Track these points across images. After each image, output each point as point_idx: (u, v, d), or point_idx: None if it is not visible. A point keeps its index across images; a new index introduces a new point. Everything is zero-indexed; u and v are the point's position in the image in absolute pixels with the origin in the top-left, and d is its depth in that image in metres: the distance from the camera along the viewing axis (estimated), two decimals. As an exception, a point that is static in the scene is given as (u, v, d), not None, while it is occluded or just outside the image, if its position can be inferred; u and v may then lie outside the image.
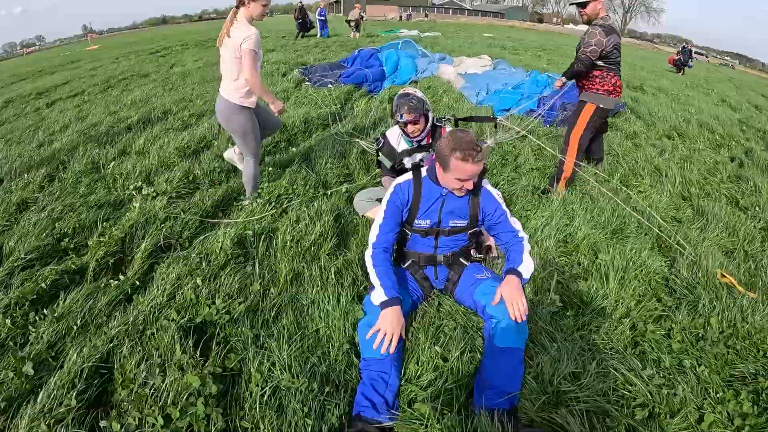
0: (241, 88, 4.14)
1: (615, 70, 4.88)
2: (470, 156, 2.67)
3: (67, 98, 10.46)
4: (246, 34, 3.90)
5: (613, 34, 4.72)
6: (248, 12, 3.97)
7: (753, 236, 4.62)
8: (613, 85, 4.87)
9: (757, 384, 2.65)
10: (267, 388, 2.38)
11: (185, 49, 19.84)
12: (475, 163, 2.69)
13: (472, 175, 2.75)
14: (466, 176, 2.75)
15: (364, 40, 21.10)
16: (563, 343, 2.85)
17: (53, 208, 4.28)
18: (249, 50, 3.93)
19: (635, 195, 5.22)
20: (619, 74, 4.93)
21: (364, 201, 4.24)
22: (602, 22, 4.75)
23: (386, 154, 4.27)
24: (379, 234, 2.96)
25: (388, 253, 2.96)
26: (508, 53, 19.12)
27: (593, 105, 4.96)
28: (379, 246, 2.94)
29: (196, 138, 6.43)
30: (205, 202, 4.48)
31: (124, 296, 3.15)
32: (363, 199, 4.28)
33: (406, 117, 3.87)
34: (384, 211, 3.00)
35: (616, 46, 4.77)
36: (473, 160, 2.68)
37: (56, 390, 2.31)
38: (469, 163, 2.68)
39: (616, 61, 4.86)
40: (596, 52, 4.70)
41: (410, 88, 4.06)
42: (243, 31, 3.93)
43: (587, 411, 2.41)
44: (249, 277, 3.35)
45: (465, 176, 2.75)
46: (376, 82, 10.30)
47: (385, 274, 2.80)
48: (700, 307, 3.31)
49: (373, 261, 2.88)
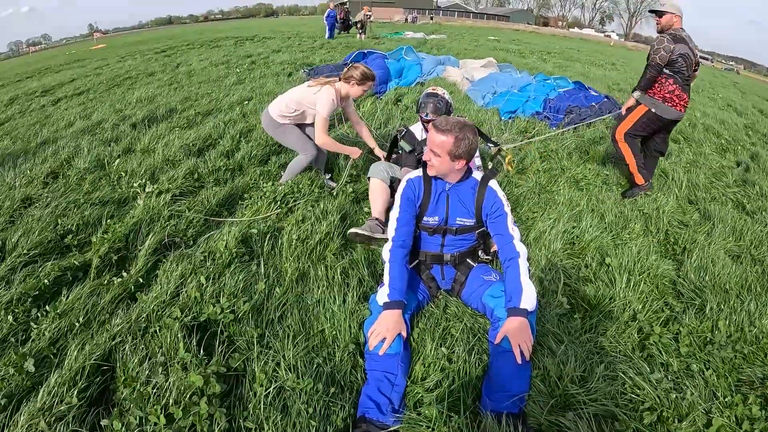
0: (282, 115, 4.70)
1: (676, 79, 4.96)
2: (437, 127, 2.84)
3: (72, 96, 10.48)
4: (326, 102, 4.41)
5: (682, 43, 4.83)
6: (346, 90, 4.59)
7: (760, 240, 4.58)
8: (671, 93, 4.96)
9: (765, 388, 2.64)
10: (271, 389, 2.36)
11: (191, 49, 19.87)
12: (439, 132, 2.83)
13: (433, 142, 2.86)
14: (432, 145, 2.87)
15: (370, 41, 21.08)
16: (570, 345, 2.83)
17: (57, 204, 4.27)
18: (322, 117, 4.42)
19: (642, 198, 5.20)
20: (681, 85, 4.98)
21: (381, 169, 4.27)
22: (673, 32, 4.87)
23: (407, 139, 4.44)
24: (398, 227, 2.98)
25: (406, 250, 2.96)
26: (513, 56, 19.11)
27: (645, 107, 5.12)
28: (398, 240, 2.94)
29: (202, 136, 6.41)
30: (210, 201, 4.45)
31: (127, 294, 3.12)
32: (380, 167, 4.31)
33: (431, 115, 4.11)
34: (398, 204, 3.03)
35: (683, 56, 4.85)
36: (436, 130, 2.84)
37: (57, 387, 2.29)
38: (433, 132, 2.86)
39: (679, 71, 4.93)
40: (665, 57, 4.83)
41: (439, 89, 4.28)
42: (326, 96, 4.43)
43: (595, 414, 2.39)
44: (254, 276, 3.32)
45: (431, 145, 2.88)
46: (381, 84, 10.26)
47: (398, 276, 2.80)
48: (707, 310, 3.30)
49: (390, 256, 2.89)
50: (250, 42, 21.87)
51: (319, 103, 4.41)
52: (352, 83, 4.54)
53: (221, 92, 9.76)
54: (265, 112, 4.81)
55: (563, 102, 8.97)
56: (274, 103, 4.76)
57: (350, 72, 4.54)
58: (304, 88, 4.66)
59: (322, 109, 4.38)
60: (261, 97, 9.07)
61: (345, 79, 4.58)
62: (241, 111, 8.02)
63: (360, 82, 4.52)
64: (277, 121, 4.71)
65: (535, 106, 8.88)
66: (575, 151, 6.76)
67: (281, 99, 4.73)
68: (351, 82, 4.54)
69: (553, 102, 9.02)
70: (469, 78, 11.24)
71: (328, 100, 4.39)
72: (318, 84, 4.57)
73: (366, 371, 2.56)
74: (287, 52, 15.80)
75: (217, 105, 8.62)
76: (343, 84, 4.59)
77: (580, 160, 6.47)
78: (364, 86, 4.57)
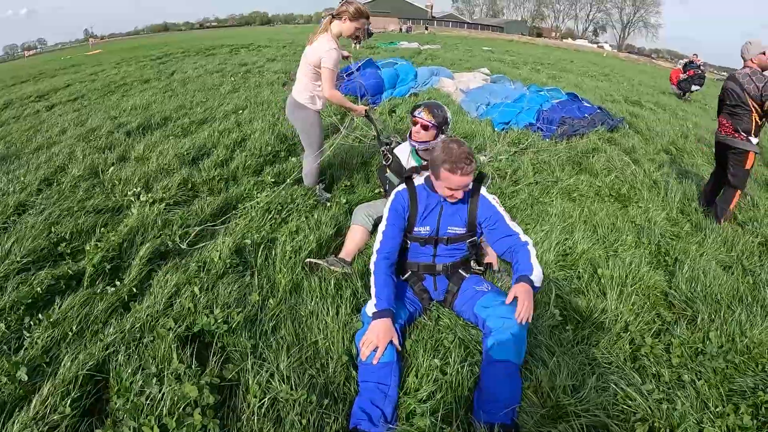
0: (304, 92, 4.51)
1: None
2: (458, 168, 2.77)
3: (66, 102, 10.49)
4: (327, 51, 4.22)
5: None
6: (340, 27, 4.29)
7: (751, 251, 4.64)
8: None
9: (756, 398, 2.66)
10: (265, 400, 2.36)
11: (186, 56, 19.90)
12: (464, 175, 2.78)
13: (459, 185, 2.85)
14: (454, 186, 2.85)
15: (365, 51, 21.15)
16: (562, 356, 2.85)
17: (51, 212, 4.26)
18: (327, 69, 4.24)
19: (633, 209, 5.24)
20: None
21: (363, 215, 4.18)
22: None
23: (395, 170, 4.25)
24: (383, 240, 3.00)
25: (390, 261, 2.98)
26: (507, 67, 19.22)
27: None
28: (382, 252, 2.97)
29: (196, 145, 6.41)
30: (204, 210, 4.46)
31: (120, 303, 3.11)
32: (362, 213, 4.21)
33: (424, 116, 3.89)
34: (386, 218, 3.05)
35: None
36: (461, 173, 2.78)
37: (50, 397, 2.28)
38: (457, 175, 2.78)
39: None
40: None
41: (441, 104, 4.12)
42: (324, 46, 4.24)
43: (587, 426, 2.40)
44: (248, 287, 3.34)
45: (453, 186, 2.85)
46: (375, 95, 10.28)
47: (383, 285, 2.82)
48: (699, 321, 3.34)
49: (374, 269, 2.91)
50: (246, 50, 21.95)
51: (323, 57, 4.23)
52: (345, 19, 4.26)
53: (216, 101, 9.78)
54: (290, 98, 4.64)
55: (557, 113, 9.02)
56: (295, 87, 4.58)
57: (343, 7, 4.27)
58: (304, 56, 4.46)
59: (327, 61, 4.21)
60: (255, 107, 9.11)
61: (337, 15, 4.30)
62: (235, 120, 8.03)
63: (353, 17, 4.26)
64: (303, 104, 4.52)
65: (529, 117, 8.92)
66: (568, 163, 6.80)
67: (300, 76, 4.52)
68: (343, 17, 4.27)
69: (546, 113, 9.06)
70: (463, 89, 11.29)
71: (329, 49, 4.22)
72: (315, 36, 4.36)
73: (359, 383, 2.57)
74: (282, 61, 15.83)
75: (212, 114, 8.63)
76: (335, 23, 4.32)
77: (573, 171, 6.51)
78: (357, 23, 4.31)
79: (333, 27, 4.31)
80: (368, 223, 4.11)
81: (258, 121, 7.78)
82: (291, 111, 4.67)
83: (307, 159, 4.82)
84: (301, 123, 4.66)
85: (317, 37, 4.31)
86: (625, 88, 17.37)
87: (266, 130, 7.15)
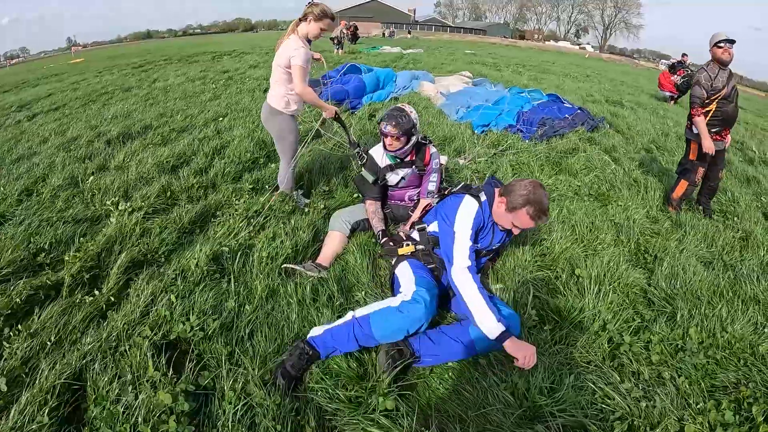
0: (278, 97, 4.53)
1: None
2: (540, 219, 2.90)
3: (48, 111, 10.43)
4: (295, 50, 4.28)
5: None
6: (306, 29, 4.37)
7: (731, 246, 4.71)
8: None
9: (738, 393, 2.69)
10: (240, 405, 2.39)
11: (168, 64, 19.83)
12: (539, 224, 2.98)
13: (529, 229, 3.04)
14: (524, 228, 2.98)
15: (347, 56, 21.15)
16: (539, 357, 2.86)
17: (30, 222, 4.25)
18: (297, 66, 4.28)
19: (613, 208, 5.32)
20: None
21: (341, 221, 4.20)
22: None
23: (369, 168, 4.28)
24: (470, 254, 2.95)
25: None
26: (489, 69, 19.28)
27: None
28: (473, 266, 2.93)
29: (175, 153, 6.41)
30: (182, 218, 4.46)
31: (98, 312, 3.12)
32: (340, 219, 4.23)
33: (390, 130, 3.91)
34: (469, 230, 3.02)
35: None
36: (538, 222, 2.92)
37: (28, 406, 2.29)
38: (534, 223, 2.90)
39: None
40: None
41: (407, 106, 4.13)
42: (292, 45, 4.31)
43: (564, 426, 2.43)
44: (224, 294, 3.34)
45: (523, 227, 2.98)
46: (356, 99, 10.30)
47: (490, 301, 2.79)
48: (678, 317, 3.36)
49: (477, 284, 2.84)
50: (228, 57, 21.87)
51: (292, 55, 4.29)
52: (310, 20, 4.36)
53: (197, 108, 9.77)
54: (264, 105, 4.67)
55: (537, 114, 9.09)
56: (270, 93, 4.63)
57: (309, 8, 4.37)
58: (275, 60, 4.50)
59: (296, 58, 4.26)
60: (236, 113, 9.11)
61: (303, 17, 4.40)
62: (215, 128, 8.03)
63: (317, 18, 4.34)
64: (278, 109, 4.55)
65: (509, 119, 8.98)
66: (547, 163, 6.86)
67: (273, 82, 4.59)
68: (309, 18, 4.37)
69: (526, 115, 9.14)
70: (443, 92, 11.36)
71: (297, 47, 4.28)
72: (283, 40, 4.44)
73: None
74: (264, 68, 15.79)
75: (192, 121, 8.62)
76: (302, 25, 4.41)
77: (552, 171, 6.57)
78: (322, 24, 4.38)
79: (300, 29, 4.40)
80: (346, 229, 4.14)
81: (238, 129, 7.78)
82: (266, 117, 4.71)
83: (282, 165, 4.86)
84: (276, 129, 4.69)
85: (285, 40, 4.40)
86: (607, 89, 17.46)
87: (246, 137, 7.15)
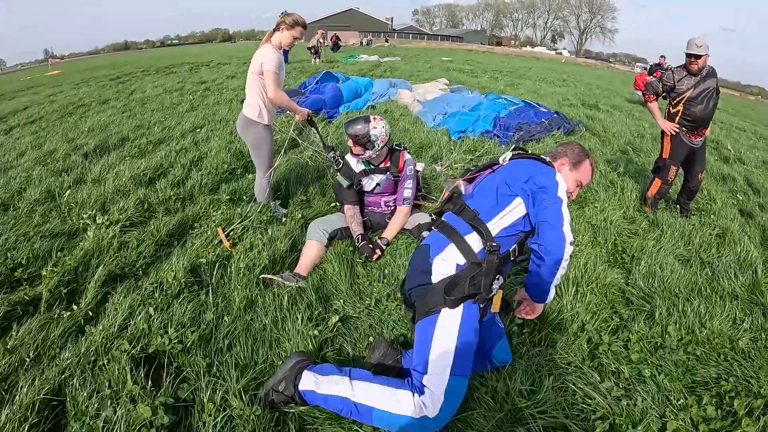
0: (253, 106, 4.63)
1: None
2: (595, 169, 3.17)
3: (25, 124, 10.37)
4: (267, 56, 4.41)
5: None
6: (279, 38, 4.49)
7: (708, 243, 4.82)
8: None
9: (719, 388, 2.76)
10: (219, 418, 2.40)
11: (146, 75, 19.74)
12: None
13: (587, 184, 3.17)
14: (586, 182, 3.12)
15: (325, 65, 21.21)
16: (519, 360, 2.92)
17: (7, 237, 4.24)
18: (269, 71, 4.40)
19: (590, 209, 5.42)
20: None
21: (318, 230, 4.25)
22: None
23: (344, 173, 4.38)
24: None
25: None
26: (466, 76, 19.42)
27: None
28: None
29: (152, 165, 6.41)
30: (160, 230, 4.48)
31: (76, 327, 3.12)
32: (318, 228, 4.28)
33: (349, 139, 4.18)
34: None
35: None
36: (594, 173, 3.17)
37: (8, 423, 2.30)
38: (593, 173, 3.14)
39: None
40: None
41: (377, 118, 4.19)
42: (265, 51, 4.46)
43: (546, 427, 2.47)
44: (202, 306, 3.35)
45: (585, 182, 3.09)
46: (333, 108, 10.36)
47: None
48: (657, 316, 3.42)
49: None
50: (206, 68, 21.82)
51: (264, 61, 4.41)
52: (282, 29, 4.48)
53: (174, 120, 9.77)
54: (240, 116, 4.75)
55: (513, 119, 9.22)
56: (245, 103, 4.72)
57: (281, 18, 4.51)
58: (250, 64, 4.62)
59: (268, 63, 4.38)
60: (213, 125, 9.13)
61: (276, 27, 4.54)
62: (192, 139, 8.04)
63: (289, 27, 4.46)
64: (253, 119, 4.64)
65: (485, 125, 9.09)
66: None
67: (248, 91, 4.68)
68: (281, 28, 4.49)
69: (503, 120, 9.25)
70: (420, 100, 11.45)
71: (269, 53, 4.41)
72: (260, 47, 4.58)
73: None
74: (242, 78, 15.78)
75: (170, 133, 8.63)
76: (275, 35, 4.53)
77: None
78: (294, 32, 4.49)
79: (273, 39, 4.51)
80: (323, 238, 4.18)
81: (215, 140, 7.80)
82: (241, 128, 4.78)
83: (259, 175, 4.93)
84: (251, 139, 4.76)
85: (259, 49, 4.53)
86: (582, 92, 17.68)
87: (223, 147, 7.17)
